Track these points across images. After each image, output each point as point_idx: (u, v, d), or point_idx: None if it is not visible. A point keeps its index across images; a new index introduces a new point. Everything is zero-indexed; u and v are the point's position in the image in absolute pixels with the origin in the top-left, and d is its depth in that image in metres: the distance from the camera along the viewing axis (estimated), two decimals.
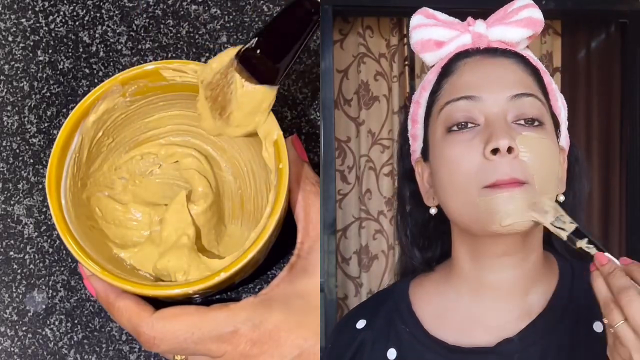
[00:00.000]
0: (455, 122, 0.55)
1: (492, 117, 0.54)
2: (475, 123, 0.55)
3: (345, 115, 1.37)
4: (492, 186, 0.53)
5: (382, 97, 1.38)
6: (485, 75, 0.56)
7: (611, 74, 1.29)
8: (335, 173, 1.30)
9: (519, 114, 0.55)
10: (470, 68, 0.57)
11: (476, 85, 0.56)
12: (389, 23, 1.37)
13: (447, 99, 0.56)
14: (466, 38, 0.58)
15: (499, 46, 0.58)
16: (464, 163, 0.54)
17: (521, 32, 0.58)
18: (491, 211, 0.53)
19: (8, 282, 0.75)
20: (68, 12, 0.82)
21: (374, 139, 1.38)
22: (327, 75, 1.18)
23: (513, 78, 0.56)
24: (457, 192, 0.55)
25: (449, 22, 0.60)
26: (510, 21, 0.58)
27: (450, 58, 0.58)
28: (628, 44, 1.26)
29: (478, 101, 0.55)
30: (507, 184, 0.53)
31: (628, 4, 1.24)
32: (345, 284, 1.34)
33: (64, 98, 0.80)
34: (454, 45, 0.58)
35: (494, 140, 0.53)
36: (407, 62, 1.37)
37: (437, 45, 0.58)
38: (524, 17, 0.58)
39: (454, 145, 0.55)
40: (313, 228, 0.65)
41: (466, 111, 0.55)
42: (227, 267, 0.61)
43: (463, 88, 0.56)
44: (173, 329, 0.61)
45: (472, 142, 0.54)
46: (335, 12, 1.24)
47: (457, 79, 0.57)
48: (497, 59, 0.57)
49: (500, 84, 0.56)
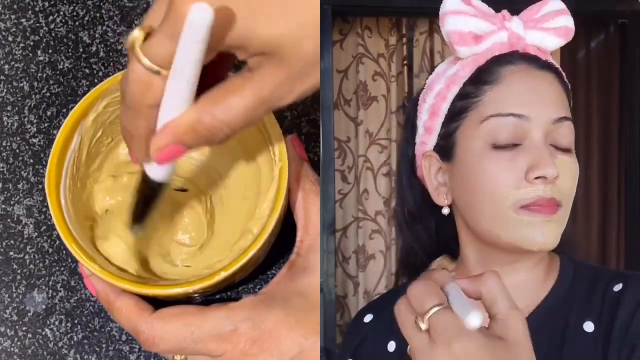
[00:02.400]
0: (501, 142, 0.54)
1: (537, 140, 0.54)
2: (519, 142, 0.54)
3: (345, 115, 1.37)
4: (531, 207, 0.53)
5: (381, 97, 1.38)
6: (534, 91, 0.55)
7: (610, 74, 1.29)
8: (334, 173, 1.30)
9: (557, 137, 0.55)
10: (519, 80, 0.55)
11: (525, 102, 0.54)
12: (387, 23, 1.38)
13: (492, 111, 0.55)
14: (502, 35, 0.56)
15: (536, 54, 0.56)
16: (504, 181, 0.54)
17: (557, 42, 0.57)
18: (526, 232, 0.53)
19: (8, 282, 0.75)
20: (68, 12, 0.82)
21: (372, 139, 1.38)
22: (327, 75, 1.18)
23: (557, 98, 0.55)
24: (494, 208, 0.54)
25: (485, 12, 0.57)
26: (547, 27, 0.57)
27: (489, 60, 0.56)
28: (627, 44, 1.27)
29: (526, 120, 0.54)
30: (546, 205, 0.53)
31: (627, 4, 1.24)
32: (345, 283, 1.35)
33: (64, 98, 0.80)
34: (490, 42, 0.56)
35: (543, 168, 0.53)
36: (406, 61, 1.38)
37: (475, 39, 0.56)
38: (562, 25, 0.57)
39: (495, 162, 0.54)
40: (313, 227, 0.65)
41: (513, 130, 0.54)
42: (227, 266, 0.61)
43: (512, 103, 0.54)
44: (173, 328, 0.61)
45: (515, 161, 0.54)
46: (335, 12, 1.24)
47: (504, 90, 0.55)
48: (542, 73, 0.56)
49: (547, 104, 0.55)
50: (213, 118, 0.52)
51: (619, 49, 1.29)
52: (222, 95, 0.53)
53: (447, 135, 0.57)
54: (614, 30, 1.29)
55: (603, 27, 1.29)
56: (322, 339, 0.62)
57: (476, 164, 0.55)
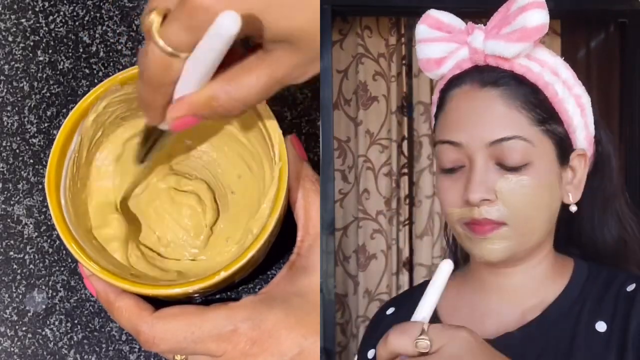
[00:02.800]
0: (444, 167, 0.57)
1: (474, 164, 0.55)
2: (461, 164, 0.56)
3: (345, 115, 1.37)
4: (469, 225, 0.56)
5: (382, 97, 1.38)
6: (467, 117, 0.56)
7: (610, 73, 1.29)
8: (334, 173, 1.30)
9: (501, 158, 0.55)
10: (456, 105, 0.57)
11: (458, 128, 0.56)
12: (387, 23, 1.37)
13: (438, 137, 0.58)
14: (464, 52, 0.57)
15: (497, 64, 0.56)
16: (449, 201, 0.57)
17: (516, 48, 0.55)
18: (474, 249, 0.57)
19: (8, 282, 0.75)
20: (68, 12, 0.82)
21: (373, 139, 1.38)
22: (326, 75, 1.18)
23: (497, 118, 0.55)
24: (449, 222, 0.58)
25: (452, 29, 0.58)
26: (504, 32, 0.55)
27: (445, 83, 0.58)
28: (627, 43, 1.27)
29: (460, 147, 0.56)
30: (480, 224, 0.55)
31: (627, 3, 1.24)
32: (345, 282, 1.35)
33: (64, 98, 0.80)
34: (453, 62, 0.57)
35: (467, 193, 0.55)
36: (405, 61, 1.38)
37: (436, 64, 0.58)
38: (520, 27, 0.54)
39: (442, 183, 0.57)
40: (313, 226, 0.65)
41: (451, 156, 0.56)
42: (227, 266, 0.61)
43: (447, 130, 0.57)
44: (173, 328, 0.61)
45: (456, 183, 0.56)
46: (335, 12, 1.24)
47: (445, 117, 0.57)
48: (481, 93, 0.56)
49: (483, 127, 0.55)
50: (228, 96, 0.56)
51: (619, 49, 1.29)
52: (238, 75, 0.56)
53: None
54: (614, 30, 1.29)
55: (603, 27, 1.29)
56: (322, 339, 0.62)
57: (437, 183, 0.59)
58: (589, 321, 0.55)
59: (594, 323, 0.55)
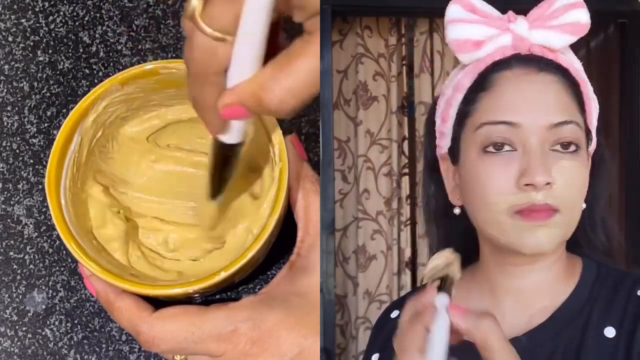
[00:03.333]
0: (492, 143, 0.54)
1: (530, 147, 0.54)
2: (512, 148, 0.54)
3: (345, 115, 1.37)
4: (524, 212, 0.53)
5: (382, 97, 1.38)
6: (526, 98, 0.55)
7: (610, 74, 1.29)
8: (334, 173, 1.30)
9: (556, 141, 0.54)
10: (511, 86, 0.55)
11: (516, 109, 0.54)
12: (387, 23, 1.37)
13: (484, 119, 0.55)
14: (506, 38, 0.56)
15: (542, 54, 0.56)
16: (497, 187, 0.54)
17: (565, 39, 0.56)
18: (522, 238, 0.54)
19: (8, 282, 0.75)
20: (68, 12, 0.82)
21: (373, 139, 1.38)
22: (326, 75, 1.18)
23: (555, 102, 0.55)
24: (488, 212, 0.54)
25: (488, 15, 0.57)
26: (554, 24, 0.56)
27: (488, 66, 0.56)
28: (627, 44, 1.27)
29: (517, 127, 0.54)
30: (539, 211, 0.53)
31: (627, 4, 1.24)
32: (345, 283, 1.35)
33: (64, 98, 0.80)
34: (493, 47, 0.56)
35: (531, 176, 0.53)
36: (405, 61, 1.38)
37: (475, 46, 0.56)
38: (572, 21, 0.56)
39: (489, 167, 0.54)
40: (313, 226, 0.65)
41: (505, 136, 0.54)
42: (228, 267, 0.61)
43: (502, 111, 0.55)
44: (173, 328, 0.61)
45: (508, 167, 0.54)
46: (335, 12, 1.24)
47: (497, 97, 0.55)
48: (539, 76, 0.55)
49: (541, 110, 0.54)
50: (278, 85, 0.53)
51: (619, 49, 1.29)
52: (287, 61, 0.53)
53: (454, 140, 0.58)
54: (613, 30, 1.29)
55: (603, 27, 1.29)
56: (321, 339, 0.62)
57: (472, 169, 0.55)
58: (598, 326, 0.54)
59: (602, 328, 0.54)
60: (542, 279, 0.57)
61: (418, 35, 1.37)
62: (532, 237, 0.53)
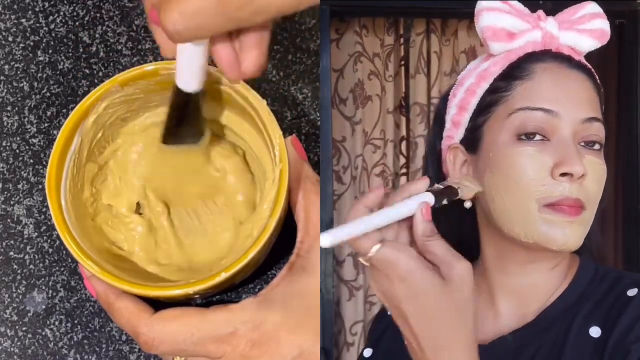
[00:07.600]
0: (527, 132, 0.54)
1: (565, 137, 0.54)
2: (546, 137, 0.54)
3: (340, 114, 1.37)
4: (555, 206, 0.53)
5: (375, 96, 1.38)
6: (565, 89, 0.55)
7: (608, 74, 1.29)
8: (332, 173, 1.30)
9: (586, 137, 0.55)
10: (550, 77, 0.56)
11: (556, 98, 0.55)
12: (383, 23, 1.38)
13: (521, 104, 0.55)
14: (536, 34, 0.57)
15: (571, 54, 0.57)
16: (529, 176, 0.54)
17: (592, 43, 0.57)
18: (548, 231, 0.53)
19: (8, 282, 0.75)
20: (68, 12, 0.82)
21: (367, 138, 1.38)
22: (325, 75, 1.18)
23: (587, 98, 0.56)
24: (515, 201, 0.54)
25: (521, 11, 0.58)
26: (583, 28, 0.57)
27: (520, 57, 0.57)
28: (625, 44, 1.27)
29: (555, 116, 0.54)
30: (571, 205, 0.53)
31: (626, 4, 1.24)
32: (338, 287, 1.35)
33: (64, 98, 0.80)
34: (524, 40, 0.57)
35: (569, 165, 0.53)
36: (403, 61, 1.38)
37: (508, 36, 0.56)
38: (598, 28, 0.57)
39: (521, 155, 0.54)
40: (313, 227, 0.65)
41: (539, 124, 0.54)
42: (228, 267, 0.61)
43: (542, 98, 0.55)
44: (172, 330, 0.61)
45: (541, 156, 0.54)
46: (332, 12, 1.24)
47: (536, 85, 0.55)
48: (574, 72, 0.56)
49: (578, 103, 0.55)
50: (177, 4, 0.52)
51: (617, 49, 1.29)
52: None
53: (474, 128, 0.58)
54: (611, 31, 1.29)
55: None
56: (320, 338, 0.62)
57: (502, 156, 0.55)
58: (583, 326, 0.54)
59: (587, 328, 0.54)
60: (542, 279, 0.57)
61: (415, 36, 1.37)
62: (563, 232, 0.53)
